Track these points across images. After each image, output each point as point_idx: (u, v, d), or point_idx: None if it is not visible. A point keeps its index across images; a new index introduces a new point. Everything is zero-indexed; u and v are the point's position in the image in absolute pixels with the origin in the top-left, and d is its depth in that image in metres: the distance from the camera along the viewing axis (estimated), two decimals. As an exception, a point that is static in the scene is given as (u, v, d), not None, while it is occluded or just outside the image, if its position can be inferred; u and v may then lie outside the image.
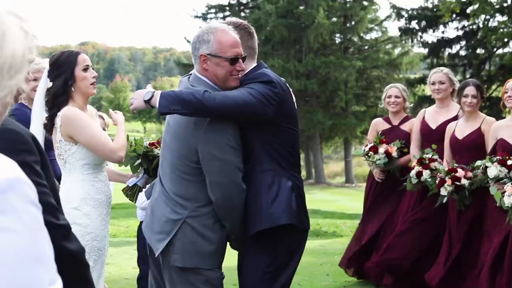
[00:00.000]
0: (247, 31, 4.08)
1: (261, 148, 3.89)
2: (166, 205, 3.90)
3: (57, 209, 2.38)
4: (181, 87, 4.02)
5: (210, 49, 3.84)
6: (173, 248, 3.84)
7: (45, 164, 2.42)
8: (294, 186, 3.92)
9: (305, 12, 42.33)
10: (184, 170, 3.84)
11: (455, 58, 29.24)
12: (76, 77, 4.56)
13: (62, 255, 2.39)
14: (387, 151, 7.42)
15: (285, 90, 3.96)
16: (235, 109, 3.72)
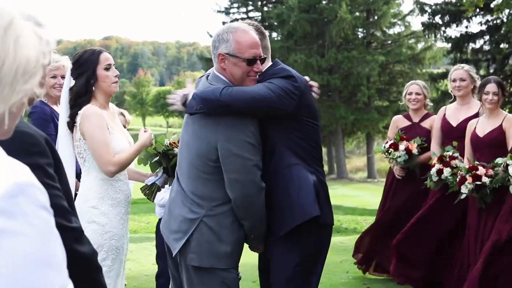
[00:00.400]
0: (260, 31, 4.08)
1: (283, 144, 3.89)
2: (184, 204, 3.89)
3: (69, 212, 2.39)
4: (199, 86, 4.03)
5: (229, 48, 3.84)
6: (189, 247, 3.84)
7: (59, 166, 2.43)
8: (317, 180, 3.90)
9: (327, 7, 42.25)
10: (203, 169, 3.84)
11: (479, 53, 29.06)
12: (98, 76, 4.57)
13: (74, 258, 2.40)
14: (407, 148, 7.39)
15: (305, 84, 3.97)
16: (254, 104, 3.73)
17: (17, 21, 1.51)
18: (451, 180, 6.71)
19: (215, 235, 3.81)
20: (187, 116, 3.97)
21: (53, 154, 2.40)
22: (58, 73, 5.54)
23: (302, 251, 3.90)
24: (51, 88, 5.53)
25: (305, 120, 3.92)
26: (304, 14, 42.25)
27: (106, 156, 4.45)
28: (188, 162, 3.91)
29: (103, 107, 4.63)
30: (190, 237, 3.83)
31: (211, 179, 3.83)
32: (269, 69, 4.00)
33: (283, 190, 3.87)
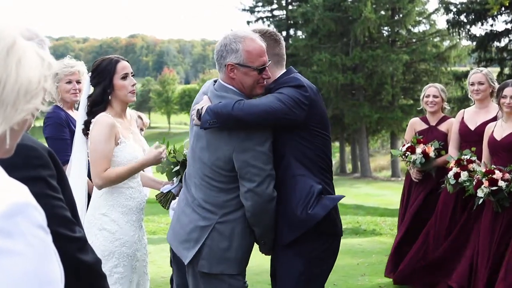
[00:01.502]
0: (273, 38, 4.07)
1: (292, 153, 3.89)
2: (195, 212, 3.92)
3: (73, 222, 2.43)
4: (205, 90, 4.06)
5: (239, 58, 3.83)
6: (201, 254, 3.87)
7: (62, 178, 2.48)
8: (324, 191, 3.91)
9: (352, 5, 42.18)
10: (216, 178, 3.86)
11: (503, 52, 28.85)
12: (115, 85, 4.61)
13: (78, 267, 2.45)
14: (424, 151, 7.38)
15: (316, 94, 3.96)
16: (265, 117, 3.74)
17: (20, 41, 1.53)
18: (468, 184, 6.70)
19: (227, 241, 3.84)
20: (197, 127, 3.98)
21: (55, 165, 2.44)
22: (73, 78, 5.59)
23: (306, 260, 3.90)
24: (66, 93, 5.58)
25: (315, 130, 3.91)
26: (328, 13, 42.18)
27: (97, 168, 4.48)
28: (199, 172, 3.92)
29: (119, 116, 4.66)
30: (202, 244, 3.85)
31: (224, 188, 3.85)
32: (282, 77, 4.00)
33: (286, 200, 3.88)
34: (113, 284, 4.55)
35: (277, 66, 4.06)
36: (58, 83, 5.56)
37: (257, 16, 48.34)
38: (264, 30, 4.10)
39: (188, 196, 4.00)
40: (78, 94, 5.61)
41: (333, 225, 3.98)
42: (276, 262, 4.04)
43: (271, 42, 4.03)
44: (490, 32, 28.76)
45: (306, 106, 3.82)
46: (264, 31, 4.06)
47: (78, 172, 4.76)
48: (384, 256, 9.17)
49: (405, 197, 7.88)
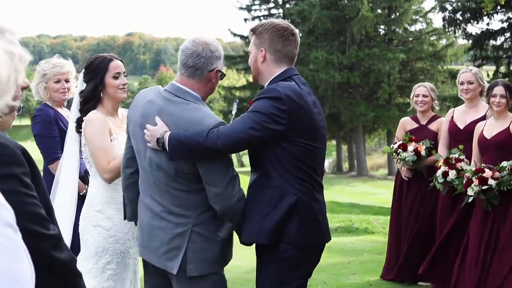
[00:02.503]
0: (278, 33, 3.93)
1: (269, 163, 3.80)
2: (167, 221, 3.83)
3: (47, 219, 2.44)
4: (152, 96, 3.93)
5: (221, 65, 3.93)
6: (186, 260, 3.80)
7: (36, 175, 2.48)
8: (300, 203, 3.79)
9: (349, 4, 42.23)
10: (181, 181, 3.78)
11: (499, 50, 28.86)
12: (106, 83, 4.66)
13: (52, 264, 2.45)
14: (416, 149, 7.41)
15: (302, 104, 3.78)
16: (241, 144, 3.71)
17: None
18: (457, 182, 6.73)
19: (207, 241, 3.82)
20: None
21: (29, 163, 2.44)
22: (62, 77, 5.61)
23: (277, 269, 3.84)
24: (55, 92, 5.60)
25: (296, 141, 3.77)
26: (325, 11, 42.19)
27: (101, 164, 4.51)
28: (164, 180, 3.81)
29: (110, 114, 4.70)
30: (185, 250, 3.80)
31: (191, 189, 3.79)
32: (274, 80, 3.91)
33: (256, 208, 3.83)
34: (105, 281, 4.58)
35: (277, 63, 3.94)
36: (46, 83, 5.57)
37: (254, 14, 48.30)
38: (275, 23, 3.97)
39: (154, 207, 3.88)
40: (67, 93, 5.64)
41: (304, 238, 3.83)
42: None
43: (275, 37, 3.92)
44: (486, 31, 28.77)
45: (284, 119, 3.69)
46: (273, 24, 3.95)
47: (69, 170, 4.81)
48: (375, 254, 9.19)
49: (396, 196, 7.89)
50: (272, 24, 3.94)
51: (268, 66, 3.95)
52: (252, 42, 4.02)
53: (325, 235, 3.98)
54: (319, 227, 3.90)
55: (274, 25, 3.93)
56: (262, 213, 3.80)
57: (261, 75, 4.00)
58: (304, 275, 3.95)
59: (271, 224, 3.77)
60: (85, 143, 4.62)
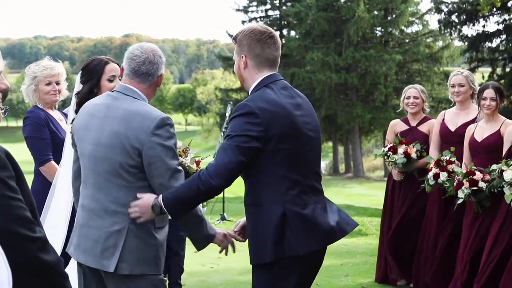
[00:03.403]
0: (256, 37, 3.93)
1: (255, 177, 3.82)
2: (105, 219, 3.81)
3: (33, 222, 2.47)
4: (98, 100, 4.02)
5: (163, 70, 4.06)
6: (120, 257, 3.77)
7: (21, 178, 2.51)
8: (288, 214, 3.77)
9: (345, 6, 42.26)
10: (124, 176, 3.77)
11: (495, 52, 28.91)
12: (101, 86, 4.73)
13: (39, 266, 2.48)
14: (406, 151, 7.43)
15: (277, 110, 3.78)
16: (232, 175, 3.74)
17: None
18: (448, 184, 6.76)
19: (142, 241, 3.79)
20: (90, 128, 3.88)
21: (14, 166, 2.47)
22: (52, 79, 5.60)
23: (272, 283, 3.83)
24: (45, 94, 5.60)
25: (278, 149, 3.76)
26: (322, 13, 42.23)
27: None
28: (103, 174, 3.80)
29: None
30: (122, 248, 3.76)
31: (133, 186, 3.77)
32: (253, 90, 3.93)
33: (251, 227, 3.88)
34: None
35: (258, 68, 3.94)
36: (37, 85, 5.58)
37: (251, 16, 48.37)
38: (252, 28, 3.98)
39: (93, 207, 3.86)
40: (58, 95, 5.64)
41: (290, 251, 3.80)
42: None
43: (252, 42, 3.92)
44: (481, 33, 28.83)
45: (262, 132, 3.70)
46: (251, 30, 3.96)
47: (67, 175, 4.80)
48: (368, 256, 9.21)
49: (388, 198, 7.91)
50: (250, 30, 3.96)
51: (250, 72, 3.95)
52: (235, 50, 4.04)
53: (326, 237, 3.88)
54: (317, 232, 3.84)
55: (251, 30, 3.94)
56: (258, 233, 3.82)
57: (245, 81, 4.01)
58: (299, 282, 3.91)
59: (269, 242, 3.76)
60: None
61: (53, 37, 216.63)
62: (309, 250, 3.81)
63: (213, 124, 64.88)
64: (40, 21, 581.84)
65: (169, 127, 3.80)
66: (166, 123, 3.79)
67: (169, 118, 3.85)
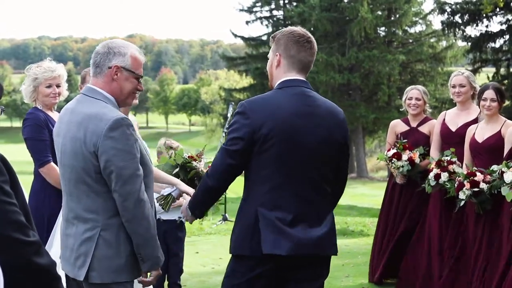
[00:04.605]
0: (294, 39, 3.99)
1: (246, 175, 3.94)
2: (77, 227, 3.73)
3: (26, 226, 2.48)
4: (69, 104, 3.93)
5: (125, 62, 3.80)
6: (90, 266, 3.68)
7: (15, 183, 2.52)
8: (261, 213, 3.84)
9: (348, 6, 42.21)
10: (88, 182, 3.67)
11: (499, 53, 28.84)
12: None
13: (34, 270, 2.49)
14: (410, 158, 7.42)
15: (271, 112, 3.84)
16: (226, 176, 3.91)
17: None
18: (448, 185, 6.75)
19: (113, 248, 3.68)
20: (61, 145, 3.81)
21: (8, 171, 2.47)
22: (53, 82, 5.60)
23: (243, 273, 3.92)
24: (45, 97, 5.60)
25: (264, 150, 3.82)
26: (325, 13, 42.18)
27: None
28: (72, 181, 3.73)
29: None
30: (92, 256, 3.68)
31: (101, 192, 3.69)
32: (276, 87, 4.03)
33: (236, 221, 4.01)
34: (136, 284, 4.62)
35: (288, 68, 4.01)
36: (37, 87, 5.58)
37: (255, 16, 48.32)
38: (293, 30, 4.05)
39: (68, 215, 3.81)
40: (58, 98, 5.64)
41: (253, 250, 3.87)
42: None
43: (289, 43, 3.99)
44: (485, 33, 28.74)
45: (249, 133, 3.79)
46: (291, 31, 4.03)
47: None
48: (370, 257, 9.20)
49: (387, 198, 7.92)
50: (290, 31, 4.03)
51: (280, 71, 4.02)
52: (271, 48, 4.10)
53: (296, 246, 3.83)
54: (285, 238, 3.84)
55: (291, 32, 4.02)
56: (238, 226, 3.96)
57: (273, 79, 4.08)
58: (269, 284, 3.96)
59: (244, 237, 3.88)
60: None
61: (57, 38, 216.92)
62: (273, 252, 3.83)
63: (217, 124, 64.90)
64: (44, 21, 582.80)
65: (125, 128, 3.64)
66: (121, 124, 3.63)
67: (125, 118, 3.69)
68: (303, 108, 3.90)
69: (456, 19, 28.77)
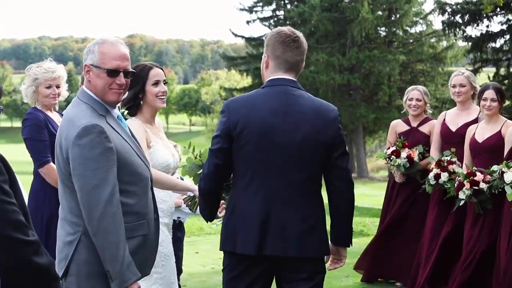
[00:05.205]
0: (279, 39, 3.99)
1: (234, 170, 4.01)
2: (63, 229, 3.60)
3: (26, 225, 2.48)
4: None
5: (93, 59, 3.66)
6: (68, 270, 3.52)
7: (14, 182, 2.52)
8: (237, 210, 3.91)
9: (349, 6, 42.21)
10: (70, 186, 3.55)
11: (499, 53, 28.80)
12: (146, 91, 4.73)
13: (33, 269, 2.50)
14: (409, 156, 7.43)
15: (247, 110, 3.90)
16: (212, 177, 3.98)
17: None
18: (448, 185, 6.75)
19: (93, 253, 3.49)
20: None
21: (7, 170, 2.48)
22: (53, 83, 5.61)
23: (228, 271, 4.00)
24: (45, 97, 5.60)
25: (240, 146, 3.88)
26: (325, 13, 42.18)
27: None
28: (61, 183, 3.64)
29: (148, 122, 4.78)
30: (70, 259, 3.51)
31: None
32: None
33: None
34: (152, 284, 4.63)
35: (275, 69, 4.01)
36: (37, 87, 5.58)
37: (256, 16, 48.30)
38: (279, 30, 4.04)
39: (60, 214, 3.70)
40: (57, 98, 5.65)
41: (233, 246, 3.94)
42: None
43: (276, 43, 4.00)
44: (485, 33, 28.70)
45: (227, 130, 3.89)
46: (277, 31, 4.02)
47: None
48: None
49: (387, 198, 7.93)
50: (276, 32, 4.04)
51: (268, 72, 4.05)
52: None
53: (266, 245, 3.85)
54: (255, 235, 3.86)
55: (277, 32, 4.02)
56: (225, 223, 4.03)
57: (264, 80, 4.11)
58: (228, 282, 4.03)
59: (225, 233, 3.99)
60: None
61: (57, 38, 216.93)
62: (243, 252, 3.88)
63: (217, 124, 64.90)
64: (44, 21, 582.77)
65: (94, 135, 3.48)
66: (90, 131, 3.47)
67: (96, 125, 3.51)
68: (282, 107, 3.90)
69: (456, 19, 28.71)
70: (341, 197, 4.02)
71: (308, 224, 3.89)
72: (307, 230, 3.88)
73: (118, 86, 3.70)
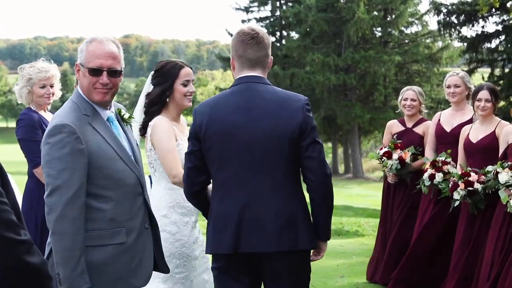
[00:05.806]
0: (240, 39, 3.97)
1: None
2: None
3: (18, 225, 2.47)
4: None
5: (81, 58, 3.63)
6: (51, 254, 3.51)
7: (5, 181, 2.51)
8: (212, 210, 3.93)
9: (345, 6, 42.22)
10: None
11: (494, 53, 28.84)
12: (175, 89, 4.71)
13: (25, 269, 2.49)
14: (400, 157, 7.44)
15: (213, 111, 3.89)
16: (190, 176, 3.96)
17: None
18: (443, 186, 6.76)
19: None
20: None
21: None
22: (47, 82, 5.61)
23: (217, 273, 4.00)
24: (39, 97, 5.60)
25: (206, 148, 3.87)
26: (321, 14, 42.22)
27: (172, 165, 4.52)
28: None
29: (174, 120, 4.77)
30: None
31: None
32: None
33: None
34: (175, 284, 4.64)
35: (239, 69, 4.00)
36: (31, 87, 5.58)
37: (252, 16, 48.33)
38: (239, 30, 4.01)
39: None
40: (51, 98, 5.65)
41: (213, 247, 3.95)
42: None
43: (237, 43, 3.98)
44: (481, 34, 28.74)
45: (195, 133, 3.89)
46: (237, 32, 4.00)
47: None
48: (364, 257, 9.21)
49: (384, 199, 7.93)
50: (237, 32, 4.02)
51: (235, 73, 4.05)
52: None
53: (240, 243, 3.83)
54: (229, 234, 3.84)
55: (237, 33, 4.01)
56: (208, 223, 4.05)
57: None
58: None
59: (209, 234, 3.96)
60: (151, 148, 4.66)
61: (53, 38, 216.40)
62: (216, 252, 3.91)
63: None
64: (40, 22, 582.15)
65: (64, 135, 3.42)
66: (60, 131, 3.43)
67: (66, 125, 3.45)
68: (242, 104, 3.87)
69: (452, 20, 28.74)
70: (315, 190, 3.85)
71: (283, 219, 3.79)
72: (283, 225, 3.79)
73: (102, 85, 3.62)
